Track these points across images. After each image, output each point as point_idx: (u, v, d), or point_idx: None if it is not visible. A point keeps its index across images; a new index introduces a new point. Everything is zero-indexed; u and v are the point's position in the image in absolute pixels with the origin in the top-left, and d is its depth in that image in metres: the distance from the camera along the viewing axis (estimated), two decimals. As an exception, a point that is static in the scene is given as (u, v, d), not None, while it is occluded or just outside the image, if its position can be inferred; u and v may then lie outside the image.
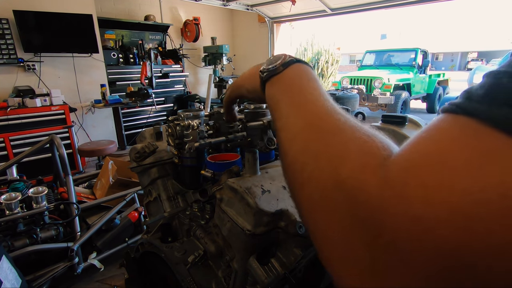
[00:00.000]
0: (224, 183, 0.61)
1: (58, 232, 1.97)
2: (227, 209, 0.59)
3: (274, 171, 0.65)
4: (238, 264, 0.61)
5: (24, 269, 1.71)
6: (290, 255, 0.60)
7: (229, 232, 0.60)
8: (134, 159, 0.92)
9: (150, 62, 4.51)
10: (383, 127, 1.08)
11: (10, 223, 1.81)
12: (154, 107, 5.21)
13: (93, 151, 3.57)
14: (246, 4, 6.09)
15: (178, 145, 0.82)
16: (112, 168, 2.61)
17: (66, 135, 3.93)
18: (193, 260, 0.73)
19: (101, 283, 2.05)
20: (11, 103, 3.52)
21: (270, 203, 0.57)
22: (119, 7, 5.37)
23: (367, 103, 7.45)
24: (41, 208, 1.92)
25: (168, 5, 6.11)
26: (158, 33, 5.82)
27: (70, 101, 4.24)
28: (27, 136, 3.64)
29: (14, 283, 1.51)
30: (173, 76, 5.78)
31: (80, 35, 4.20)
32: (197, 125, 0.78)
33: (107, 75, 4.77)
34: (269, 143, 0.78)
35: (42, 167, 3.50)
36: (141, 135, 1.04)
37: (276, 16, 6.66)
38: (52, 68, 4.17)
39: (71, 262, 1.88)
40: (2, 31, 3.63)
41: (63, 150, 2.28)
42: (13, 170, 2.46)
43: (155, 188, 0.95)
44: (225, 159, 0.79)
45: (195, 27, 6.18)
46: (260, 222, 0.55)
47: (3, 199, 1.85)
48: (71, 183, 2.16)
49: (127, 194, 2.32)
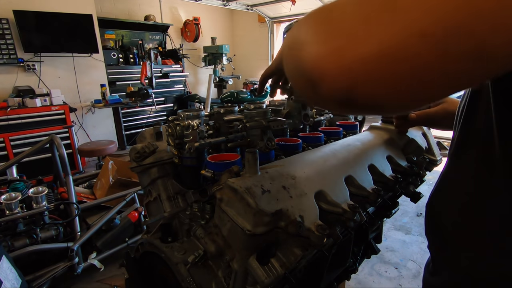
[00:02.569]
0: (224, 183, 0.61)
1: (58, 232, 1.97)
2: (227, 209, 0.59)
3: (274, 171, 0.65)
4: (238, 264, 0.61)
5: (24, 269, 1.71)
6: (290, 255, 0.60)
7: (229, 232, 0.59)
8: (134, 159, 0.92)
9: (150, 62, 4.51)
10: (383, 127, 1.08)
11: (10, 223, 1.81)
12: (154, 107, 5.21)
13: (93, 151, 3.57)
14: (246, 4, 6.09)
15: (178, 145, 0.82)
16: (112, 168, 2.61)
17: (66, 135, 3.93)
18: (193, 260, 0.73)
19: (101, 283, 2.05)
20: (11, 103, 3.52)
21: (270, 203, 0.57)
22: (119, 7, 5.37)
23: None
24: (41, 208, 1.92)
25: (168, 5, 6.11)
26: (158, 33, 5.82)
27: (70, 101, 4.24)
28: (27, 136, 3.64)
29: (14, 283, 1.51)
30: (173, 76, 5.78)
31: (80, 35, 4.20)
32: (197, 125, 0.78)
33: (107, 75, 4.77)
34: (269, 143, 0.78)
35: (42, 167, 3.50)
36: (141, 135, 1.04)
37: (276, 16, 6.66)
38: (52, 68, 4.17)
39: (71, 262, 1.88)
40: (2, 31, 3.63)
41: (63, 150, 2.28)
42: (13, 170, 2.46)
43: (155, 188, 0.95)
44: (225, 159, 0.79)
45: (195, 27, 6.19)
46: (260, 222, 0.55)
47: (3, 199, 1.85)
48: (71, 183, 2.16)
49: (127, 194, 2.32)
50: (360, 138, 0.96)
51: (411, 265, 2.19)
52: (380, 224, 1.28)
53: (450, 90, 0.26)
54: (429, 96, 0.26)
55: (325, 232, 0.57)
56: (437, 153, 1.10)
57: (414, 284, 2.01)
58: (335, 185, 0.71)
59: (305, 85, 0.31)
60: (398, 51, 0.23)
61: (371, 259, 1.70)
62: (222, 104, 5.41)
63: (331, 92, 0.28)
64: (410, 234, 2.57)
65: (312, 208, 0.62)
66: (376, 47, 0.24)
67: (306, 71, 0.30)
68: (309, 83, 0.30)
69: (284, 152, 0.90)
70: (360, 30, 0.26)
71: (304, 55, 0.30)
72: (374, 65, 0.25)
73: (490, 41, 0.21)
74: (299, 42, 0.32)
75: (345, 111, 0.32)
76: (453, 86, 0.25)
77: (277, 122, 0.80)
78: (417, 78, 0.24)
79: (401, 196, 1.08)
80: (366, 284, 2.02)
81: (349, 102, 0.28)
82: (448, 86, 0.25)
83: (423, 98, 0.26)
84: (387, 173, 0.86)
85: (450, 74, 0.23)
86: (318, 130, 1.06)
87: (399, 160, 0.94)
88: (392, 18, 0.23)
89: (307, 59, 0.29)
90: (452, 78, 0.24)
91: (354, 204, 0.66)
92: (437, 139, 1.18)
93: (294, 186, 0.63)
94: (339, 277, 1.09)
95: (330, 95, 0.28)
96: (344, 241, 0.84)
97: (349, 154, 0.83)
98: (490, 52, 0.21)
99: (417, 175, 0.97)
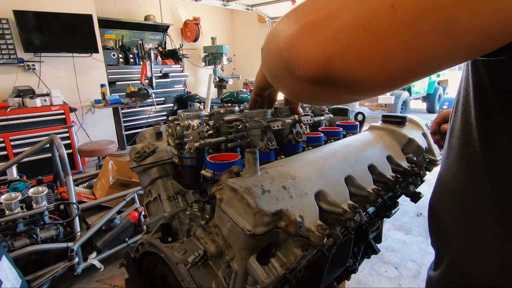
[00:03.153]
0: (224, 183, 0.61)
1: (58, 232, 1.97)
2: (227, 209, 0.59)
3: (274, 171, 0.65)
4: (238, 264, 0.61)
5: (24, 269, 1.71)
6: (290, 255, 0.60)
7: (229, 232, 0.59)
8: (134, 159, 0.92)
9: (150, 62, 4.51)
10: (383, 127, 1.08)
11: (10, 223, 1.81)
12: (154, 107, 5.21)
13: (93, 151, 3.57)
14: (246, 4, 6.09)
15: (178, 145, 0.82)
16: (112, 168, 2.61)
17: (66, 135, 3.93)
18: (193, 260, 0.73)
19: (101, 283, 2.05)
20: (11, 103, 3.52)
21: (270, 203, 0.57)
22: (119, 7, 5.37)
23: (367, 103, 7.45)
24: (41, 208, 1.92)
25: (168, 5, 6.11)
26: (158, 33, 5.82)
27: (70, 101, 4.24)
28: (27, 136, 3.64)
29: (14, 283, 1.51)
30: (173, 76, 5.78)
31: (80, 35, 4.20)
32: (197, 125, 0.78)
33: (107, 75, 4.77)
34: (269, 143, 0.78)
35: (42, 167, 3.51)
36: (141, 135, 1.04)
37: (276, 16, 6.66)
38: (52, 68, 4.17)
39: (71, 262, 1.88)
40: (2, 31, 3.63)
41: (63, 150, 2.28)
42: (13, 170, 2.46)
43: (155, 188, 0.95)
44: (225, 159, 0.79)
45: (195, 27, 6.19)
46: (260, 222, 0.55)
47: (3, 199, 1.85)
48: (71, 183, 2.16)
49: (127, 194, 2.32)
50: (360, 138, 0.96)
51: (411, 265, 2.19)
52: (380, 224, 1.28)
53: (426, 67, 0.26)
54: (407, 72, 0.26)
55: (325, 232, 0.57)
56: (437, 153, 1.10)
57: (414, 284, 2.01)
58: (335, 185, 0.71)
59: (282, 72, 0.31)
60: (370, 22, 0.24)
61: (371, 259, 1.70)
62: (222, 104, 5.40)
63: (307, 70, 0.28)
64: (410, 234, 2.57)
65: (312, 208, 0.62)
66: (349, 19, 0.25)
67: (281, 54, 0.30)
68: (285, 67, 0.30)
69: (284, 152, 0.90)
70: (332, 4, 0.26)
71: (279, 41, 0.30)
72: (348, 37, 0.25)
73: (460, 18, 0.21)
74: (274, 35, 0.32)
75: (324, 94, 0.32)
76: (427, 62, 0.25)
77: (277, 122, 0.80)
78: (391, 50, 0.24)
79: (401, 196, 1.08)
80: (366, 284, 2.02)
81: (326, 79, 0.28)
82: (422, 61, 0.25)
83: (399, 74, 0.26)
84: (387, 173, 0.86)
85: (423, 48, 0.24)
86: (318, 130, 1.06)
87: (399, 160, 0.94)
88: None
89: (282, 43, 0.30)
90: (425, 53, 0.24)
91: (354, 204, 0.66)
92: (437, 139, 1.18)
93: (294, 186, 0.63)
94: (339, 277, 1.09)
95: (306, 74, 0.28)
96: (344, 241, 0.84)
97: (349, 154, 0.83)
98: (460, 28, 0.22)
99: (417, 175, 0.97)
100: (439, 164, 1.09)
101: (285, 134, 0.88)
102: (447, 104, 6.51)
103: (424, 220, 2.74)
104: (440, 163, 1.09)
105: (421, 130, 1.12)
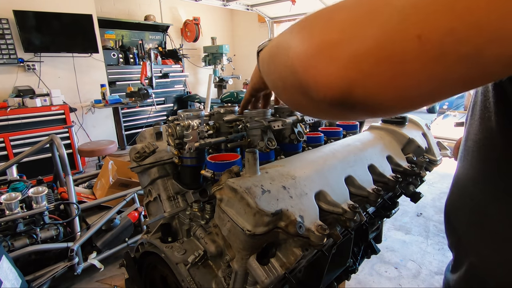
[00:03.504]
0: (224, 183, 0.61)
1: (58, 232, 1.97)
2: (227, 209, 0.59)
3: (274, 171, 0.65)
4: (238, 264, 0.61)
5: (24, 269, 1.71)
6: (290, 255, 0.60)
7: (229, 232, 0.59)
8: (134, 159, 0.92)
9: (150, 62, 4.51)
10: (383, 127, 1.08)
11: (10, 223, 1.81)
12: (154, 107, 5.21)
13: (93, 151, 3.57)
14: (246, 4, 6.09)
15: (178, 145, 0.82)
16: (112, 168, 2.61)
17: (66, 135, 3.93)
18: (193, 260, 0.73)
19: (101, 283, 2.05)
20: (11, 103, 3.52)
21: (270, 203, 0.57)
22: (119, 7, 5.37)
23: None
24: (41, 208, 1.92)
25: (168, 5, 6.11)
26: (158, 33, 5.82)
27: (70, 101, 4.24)
28: (27, 136, 3.64)
29: (14, 283, 1.51)
30: (173, 76, 5.77)
31: (80, 35, 4.20)
32: (197, 125, 0.78)
33: (107, 75, 4.77)
34: (269, 143, 0.78)
35: (42, 167, 3.51)
36: (141, 135, 1.04)
37: (276, 16, 6.66)
38: (52, 68, 4.17)
39: (71, 262, 1.88)
40: (2, 31, 3.63)
41: (63, 150, 2.28)
42: (13, 170, 2.46)
43: (155, 188, 0.95)
44: (225, 159, 0.79)
45: (195, 27, 6.19)
46: (260, 222, 0.55)
47: (3, 199, 1.85)
48: (71, 183, 2.16)
49: (127, 194, 2.32)
50: (360, 138, 0.96)
51: (411, 265, 2.19)
52: (380, 224, 1.28)
53: (448, 93, 0.26)
54: (427, 97, 0.26)
55: (325, 232, 0.57)
56: (437, 153, 1.10)
57: (414, 284, 2.01)
58: (335, 185, 0.71)
59: (294, 90, 0.30)
60: (395, 51, 0.23)
61: (371, 259, 1.70)
62: (222, 104, 5.40)
63: (326, 94, 0.27)
64: (410, 234, 2.57)
65: (312, 208, 0.62)
66: (372, 45, 0.24)
67: (295, 72, 0.28)
68: (299, 87, 0.29)
69: (284, 152, 0.90)
70: (354, 26, 0.25)
71: (291, 56, 0.29)
72: (371, 64, 0.24)
73: (486, 50, 0.21)
74: (283, 47, 0.30)
75: (339, 114, 0.31)
76: (450, 90, 0.25)
77: (278, 122, 0.80)
78: (415, 80, 0.24)
79: (401, 196, 1.08)
80: (366, 284, 2.02)
81: (345, 104, 0.27)
82: (445, 89, 0.25)
83: (421, 100, 0.26)
84: (387, 173, 0.86)
85: (447, 78, 0.23)
86: (318, 130, 1.06)
87: (399, 160, 0.94)
88: (388, 18, 0.23)
89: (296, 61, 0.28)
90: (449, 82, 0.24)
91: (354, 204, 0.66)
92: (437, 139, 1.18)
93: (294, 186, 0.63)
94: (339, 277, 1.09)
95: (325, 98, 0.27)
96: (344, 241, 0.84)
97: (349, 154, 0.83)
98: (485, 60, 0.22)
99: (417, 175, 0.97)
100: (439, 164, 1.09)
101: (286, 134, 0.88)
102: (447, 104, 6.51)
103: (424, 220, 2.74)
104: (440, 163, 1.09)
105: (421, 130, 1.12)
